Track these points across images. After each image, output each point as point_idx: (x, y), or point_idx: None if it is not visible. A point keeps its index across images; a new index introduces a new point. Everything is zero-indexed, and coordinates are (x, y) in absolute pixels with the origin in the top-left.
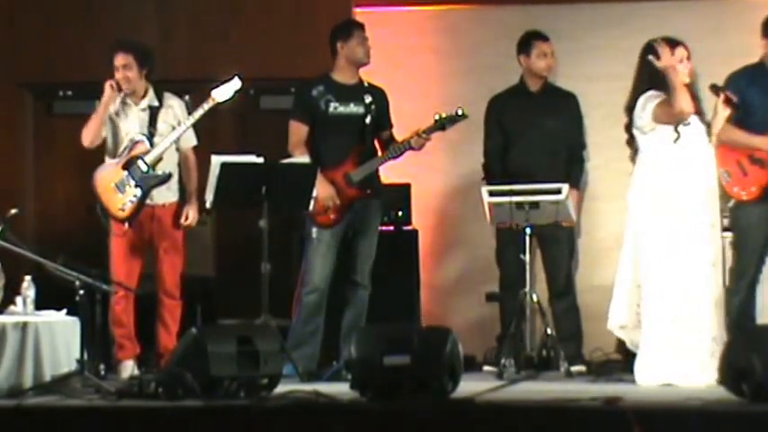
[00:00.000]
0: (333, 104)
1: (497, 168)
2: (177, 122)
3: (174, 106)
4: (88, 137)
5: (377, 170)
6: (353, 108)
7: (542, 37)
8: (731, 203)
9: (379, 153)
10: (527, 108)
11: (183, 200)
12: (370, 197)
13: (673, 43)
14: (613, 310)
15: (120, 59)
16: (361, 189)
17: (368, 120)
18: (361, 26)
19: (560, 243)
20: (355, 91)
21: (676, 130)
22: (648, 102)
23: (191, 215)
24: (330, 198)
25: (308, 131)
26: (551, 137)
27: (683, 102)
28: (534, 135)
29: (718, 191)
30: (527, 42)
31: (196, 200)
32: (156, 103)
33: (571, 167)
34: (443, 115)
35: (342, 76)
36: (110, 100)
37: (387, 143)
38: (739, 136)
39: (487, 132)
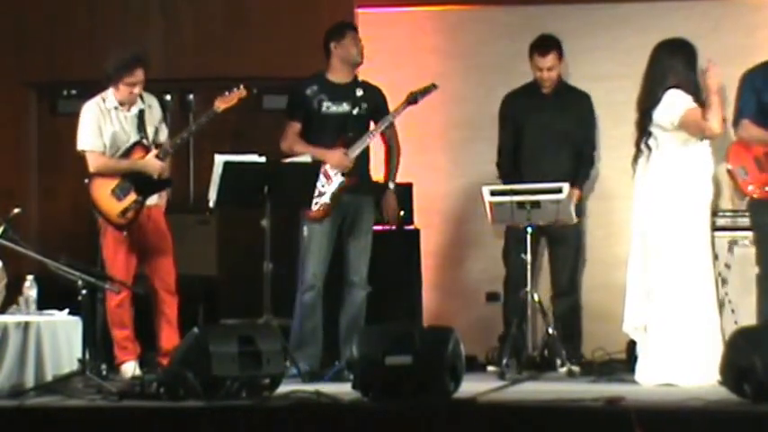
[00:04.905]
0: (325, 104)
1: (509, 166)
2: (158, 122)
3: (153, 106)
4: (99, 170)
5: (368, 169)
6: (345, 107)
7: (542, 51)
8: (750, 200)
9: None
10: (539, 106)
11: None
12: (360, 190)
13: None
14: (628, 311)
15: (139, 75)
16: (352, 175)
17: (355, 112)
18: (353, 27)
19: (568, 242)
20: (348, 89)
21: None
22: (680, 100)
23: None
24: (341, 161)
25: (301, 128)
26: (561, 136)
27: (716, 122)
28: (545, 134)
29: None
30: (531, 49)
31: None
32: (142, 106)
33: (579, 167)
34: (414, 90)
35: (335, 75)
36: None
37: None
38: (759, 132)
39: (501, 129)
